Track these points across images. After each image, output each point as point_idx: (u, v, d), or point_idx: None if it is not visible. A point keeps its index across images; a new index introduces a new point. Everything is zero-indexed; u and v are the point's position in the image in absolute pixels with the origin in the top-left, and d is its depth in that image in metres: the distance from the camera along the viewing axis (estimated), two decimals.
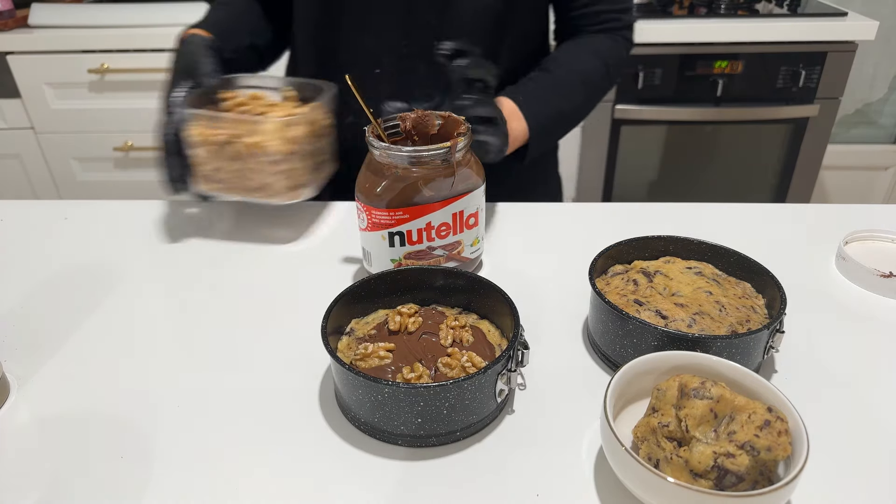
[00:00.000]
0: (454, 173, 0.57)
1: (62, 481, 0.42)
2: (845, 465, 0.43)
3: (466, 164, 0.58)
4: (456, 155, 0.56)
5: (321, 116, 0.71)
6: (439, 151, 0.55)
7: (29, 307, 0.60)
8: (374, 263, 0.60)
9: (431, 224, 0.58)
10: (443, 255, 0.60)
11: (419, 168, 0.56)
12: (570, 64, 0.79)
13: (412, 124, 0.61)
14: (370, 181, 0.57)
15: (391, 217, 0.57)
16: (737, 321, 0.50)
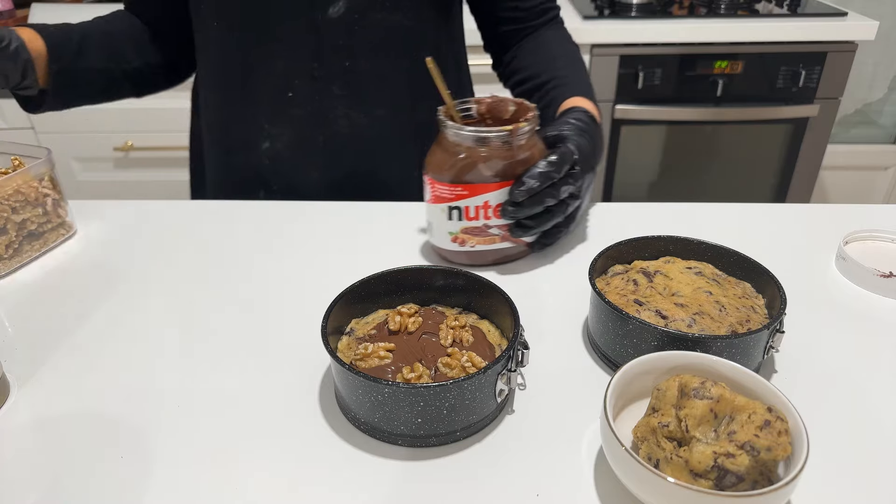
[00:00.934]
0: (515, 156, 0.59)
1: (62, 481, 0.42)
2: (845, 465, 0.43)
3: (529, 148, 0.60)
4: (518, 139, 0.59)
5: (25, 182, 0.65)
6: (501, 133, 0.58)
7: (29, 307, 0.60)
8: (434, 235, 0.64)
9: (489, 203, 0.60)
10: (498, 234, 0.62)
11: (483, 148, 0.59)
12: (572, 56, 0.81)
13: (486, 108, 0.64)
14: (437, 156, 0.61)
15: (451, 192, 0.60)
16: (737, 321, 0.50)
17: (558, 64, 0.79)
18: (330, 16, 0.71)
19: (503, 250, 0.64)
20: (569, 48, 0.83)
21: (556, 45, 0.82)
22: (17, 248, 0.65)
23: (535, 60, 0.81)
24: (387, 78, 0.77)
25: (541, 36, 0.83)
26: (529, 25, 0.83)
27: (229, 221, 0.75)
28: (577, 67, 0.79)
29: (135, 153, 1.66)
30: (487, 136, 0.58)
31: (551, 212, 0.61)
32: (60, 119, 1.62)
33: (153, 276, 0.65)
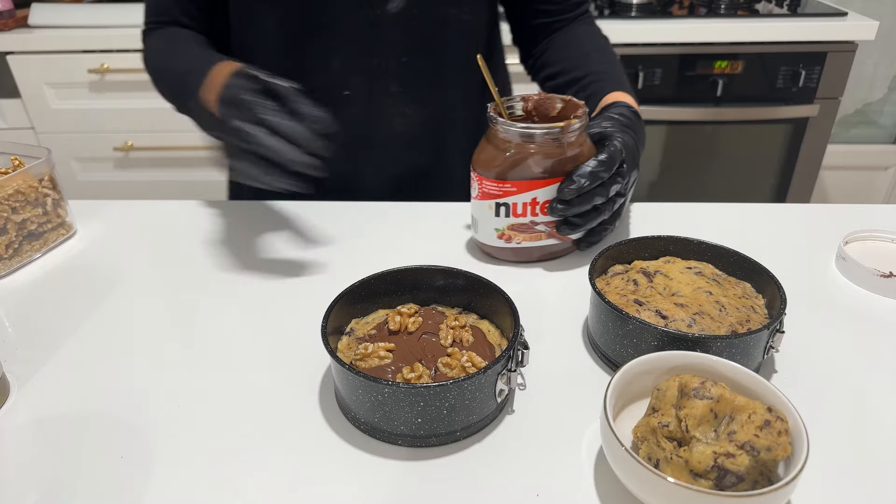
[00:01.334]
0: (564, 153, 0.59)
1: (62, 481, 0.42)
2: (845, 465, 0.43)
3: (579, 145, 0.60)
4: (568, 135, 0.59)
5: (25, 182, 0.65)
6: (551, 130, 0.58)
7: (29, 307, 0.60)
8: (480, 231, 0.64)
9: (536, 200, 0.60)
10: (545, 230, 0.63)
11: (531, 145, 0.59)
12: (606, 50, 0.81)
13: (534, 105, 0.65)
14: (486, 153, 0.61)
15: (499, 188, 0.60)
16: (737, 321, 0.50)
17: (592, 58, 0.78)
18: (389, 11, 0.71)
19: (549, 247, 0.64)
20: (602, 43, 0.82)
21: (588, 39, 0.82)
22: (17, 248, 0.65)
23: (568, 55, 0.80)
24: (442, 74, 0.76)
25: (572, 30, 0.83)
26: (562, 19, 0.83)
27: (229, 221, 0.75)
28: (612, 62, 0.79)
29: (135, 153, 1.66)
30: (538, 133, 0.58)
31: (598, 210, 0.61)
32: (60, 119, 1.62)
33: (153, 276, 0.65)
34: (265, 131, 0.54)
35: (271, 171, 0.55)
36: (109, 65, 1.53)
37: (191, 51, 0.74)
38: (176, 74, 0.71)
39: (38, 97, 1.59)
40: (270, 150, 0.54)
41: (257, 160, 0.55)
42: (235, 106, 0.56)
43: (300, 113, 0.56)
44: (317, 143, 0.55)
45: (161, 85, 0.76)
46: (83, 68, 1.53)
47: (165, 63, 0.75)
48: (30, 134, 1.64)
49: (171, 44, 0.77)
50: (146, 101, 1.59)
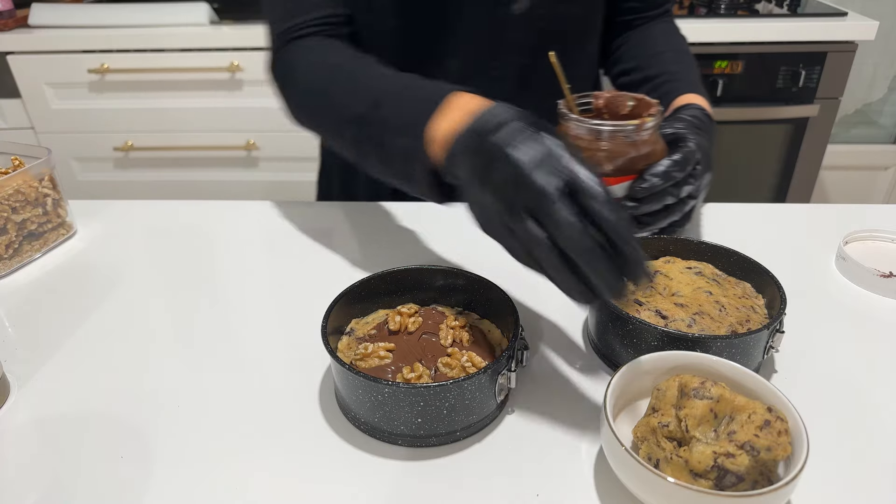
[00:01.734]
0: (638, 151, 0.58)
1: (62, 481, 0.42)
2: (845, 466, 0.43)
3: (652, 144, 0.59)
4: (641, 134, 0.58)
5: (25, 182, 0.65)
6: (627, 128, 0.57)
7: (29, 307, 0.60)
8: None
9: None
10: None
11: (605, 142, 0.58)
12: (682, 51, 0.80)
13: (605, 102, 0.63)
14: None
15: None
16: (737, 321, 0.50)
17: (667, 58, 0.77)
18: (513, 12, 0.70)
19: None
20: (678, 43, 0.81)
21: (665, 38, 0.81)
22: (16, 248, 0.65)
23: (644, 53, 0.79)
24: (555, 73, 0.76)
25: (651, 28, 0.81)
26: (644, 17, 0.82)
27: (229, 221, 0.75)
28: (687, 63, 0.78)
29: (135, 153, 1.66)
30: (611, 130, 0.57)
31: (669, 210, 0.60)
32: (60, 119, 1.62)
33: (153, 276, 0.65)
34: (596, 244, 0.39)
35: (589, 298, 0.42)
36: (109, 65, 1.53)
37: (387, 71, 0.58)
38: (387, 99, 0.54)
39: (38, 97, 1.59)
40: (596, 275, 0.40)
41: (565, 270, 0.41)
42: (551, 194, 0.39)
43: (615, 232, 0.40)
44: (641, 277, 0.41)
45: (346, 116, 0.57)
46: (83, 68, 1.53)
47: (352, 87, 0.58)
48: (30, 134, 1.64)
49: (352, 59, 0.61)
50: (146, 101, 1.59)
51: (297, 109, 0.65)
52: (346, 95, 0.58)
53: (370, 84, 0.57)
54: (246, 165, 1.67)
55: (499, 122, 0.43)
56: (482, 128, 0.44)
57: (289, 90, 0.66)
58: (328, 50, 0.64)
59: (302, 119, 0.65)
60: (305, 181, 1.68)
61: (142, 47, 1.51)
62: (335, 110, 0.59)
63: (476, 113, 0.45)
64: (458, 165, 0.46)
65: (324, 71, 0.61)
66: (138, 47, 1.51)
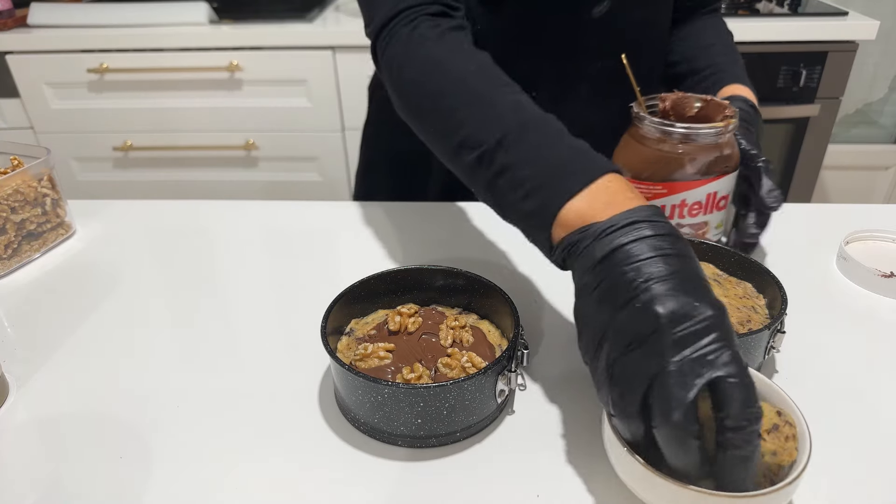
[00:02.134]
0: (720, 153, 0.58)
1: (61, 481, 0.42)
2: (846, 466, 0.43)
3: (730, 146, 0.59)
4: (724, 136, 0.57)
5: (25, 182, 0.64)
6: (712, 131, 0.56)
7: (28, 307, 0.60)
8: None
9: (686, 202, 0.59)
10: (689, 233, 0.61)
11: (686, 145, 0.57)
12: (728, 44, 0.80)
13: (671, 104, 0.63)
14: (633, 154, 0.59)
15: (649, 190, 0.59)
16: (738, 321, 0.50)
17: (714, 51, 0.77)
18: (593, 16, 0.69)
19: None
20: (725, 37, 0.80)
21: (712, 31, 0.80)
22: (16, 248, 0.65)
23: (690, 45, 0.79)
24: (627, 76, 0.72)
25: (698, 22, 0.81)
26: (692, 10, 0.81)
27: (229, 221, 0.75)
28: (733, 56, 0.77)
29: (134, 153, 1.66)
30: (700, 133, 0.56)
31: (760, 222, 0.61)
32: (60, 119, 1.61)
33: (152, 276, 0.65)
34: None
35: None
36: (109, 64, 1.52)
37: (521, 99, 0.51)
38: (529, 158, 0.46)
39: (38, 97, 1.59)
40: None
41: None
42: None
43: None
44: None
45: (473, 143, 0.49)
46: (82, 68, 1.53)
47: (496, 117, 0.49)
48: (29, 134, 1.64)
49: (481, 69, 0.53)
50: (145, 101, 1.59)
51: (409, 107, 0.56)
52: (470, 121, 0.49)
53: (503, 115, 0.48)
54: (245, 165, 1.67)
55: (650, 246, 0.37)
56: (627, 233, 0.38)
57: (398, 84, 0.57)
58: (451, 45, 0.56)
59: (408, 117, 0.57)
60: (305, 181, 1.68)
61: (141, 47, 1.51)
62: (453, 129, 0.50)
63: (624, 211, 0.39)
64: (580, 259, 0.41)
65: (447, 76, 0.53)
66: (138, 47, 1.51)
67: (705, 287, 0.37)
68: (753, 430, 0.34)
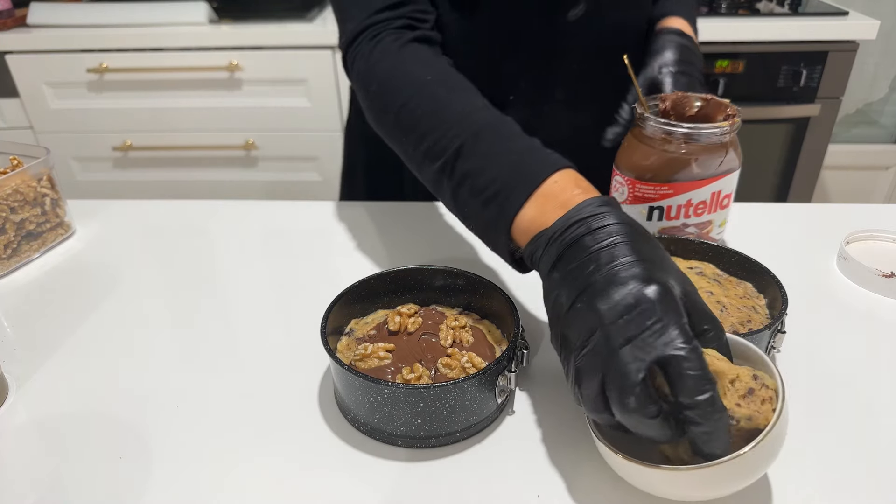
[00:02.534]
0: (726, 152, 0.58)
1: (61, 481, 0.42)
2: (846, 466, 0.43)
3: (732, 145, 0.59)
4: (730, 135, 0.58)
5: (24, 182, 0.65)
6: (716, 130, 0.56)
7: (27, 307, 0.60)
8: None
9: (691, 201, 0.59)
10: (694, 232, 0.62)
11: (691, 145, 0.57)
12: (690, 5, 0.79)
13: (671, 104, 0.63)
14: (639, 155, 0.59)
15: (656, 191, 0.59)
16: (738, 321, 0.49)
17: (666, 4, 0.76)
18: (569, 18, 0.69)
19: None
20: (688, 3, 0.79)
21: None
22: (15, 248, 0.65)
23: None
24: (608, 80, 0.74)
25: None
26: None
27: (229, 221, 0.75)
28: (685, 4, 0.76)
29: (133, 153, 1.66)
30: (705, 133, 0.56)
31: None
32: (59, 119, 1.61)
33: (152, 276, 0.65)
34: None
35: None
36: (108, 64, 1.52)
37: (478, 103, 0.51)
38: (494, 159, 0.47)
39: (37, 97, 1.58)
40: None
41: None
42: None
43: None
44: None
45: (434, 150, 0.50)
46: (82, 68, 1.53)
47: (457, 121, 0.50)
48: (28, 133, 1.64)
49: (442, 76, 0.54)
50: (145, 101, 1.58)
51: (376, 121, 0.58)
52: (430, 132, 0.50)
53: (459, 126, 0.49)
54: (245, 165, 1.67)
55: (584, 246, 0.39)
56: (565, 238, 0.40)
57: (366, 96, 0.58)
58: (415, 57, 0.57)
59: (378, 130, 0.58)
60: (305, 181, 1.68)
61: (141, 46, 1.51)
62: (415, 142, 0.52)
63: (566, 213, 0.40)
64: (539, 268, 0.43)
65: (409, 89, 0.53)
66: (137, 46, 1.51)
67: (647, 267, 0.37)
68: (709, 404, 0.35)
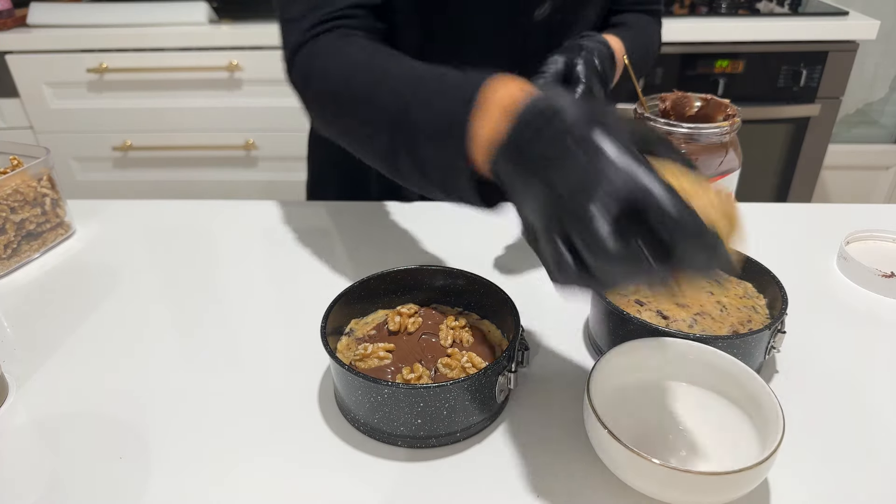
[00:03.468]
0: (726, 152, 0.58)
1: (61, 481, 0.42)
2: (846, 465, 0.43)
3: (732, 146, 0.59)
4: (731, 134, 0.57)
5: (24, 182, 0.64)
6: (716, 130, 0.56)
7: (27, 307, 0.60)
8: None
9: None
10: None
11: (691, 145, 0.57)
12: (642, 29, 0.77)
13: (671, 104, 0.62)
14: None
15: None
16: (738, 321, 0.49)
17: (619, 29, 0.74)
18: (535, 18, 0.68)
19: None
20: (646, 29, 0.76)
21: (634, 20, 0.76)
22: (15, 247, 0.65)
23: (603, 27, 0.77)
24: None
25: (628, 14, 0.78)
26: (629, 9, 0.78)
27: (229, 221, 0.75)
28: (633, 33, 0.73)
29: (134, 153, 1.66)
30: (703, 133, 0.56)
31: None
32: (59, 119, 1.61)
33: (152, 276, 0.65)
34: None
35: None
36: (108, 64, 1.52)
37: (415, 65, 0.50)
38: (416, 98, 0.47)
39: (37, 97, 1.58)
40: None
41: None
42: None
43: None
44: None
45: (371, 115, 0.49)
46: (82, 68, 1.53)
47: (380, 79, 0.50)
48: (28, 133, 1.64)
49: (376, 54, 0.54)
50: (145, 101, 1.58)
51: (320, 118, 0.57)
52: (372, 100, 0.49)
53: (398, 84, 0.49)
54: (245, 165, 1.67)
55: (537, 128, 0.37)
56: (520, 137, 0.38)
57: (308, 94, 0.57)
58: (352, 45, 0.56)
59: (327, 128, 0.57)
60: (305, 181, 1.68)
61: (141, 46, 1.51)
62: (361, 118, 0.51)
63: (515, 114, 0.39)
64: (503, 181, 0.40)
65: (347, 71, 0.53)
66: (137, 46, 1.51)
67: (590, 128, 0.35)
68: (696, 234, 0.33)
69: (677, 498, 0.38)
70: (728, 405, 0.44)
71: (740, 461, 0.37)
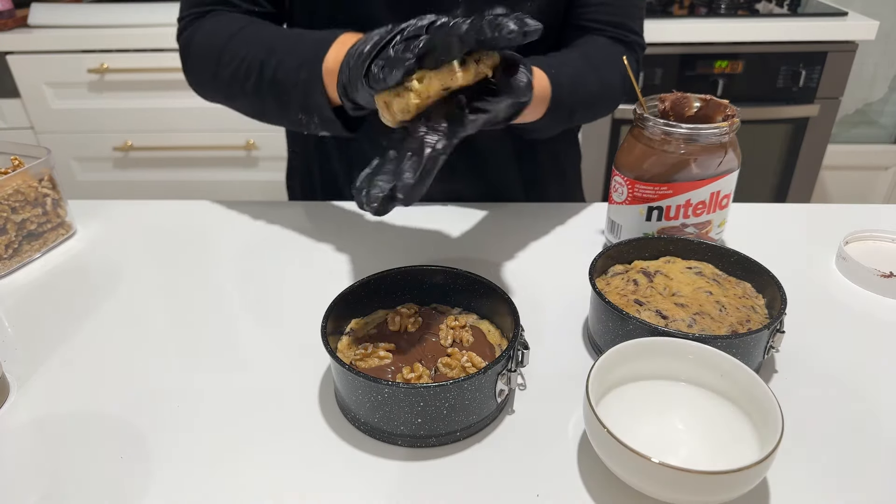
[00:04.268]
0: (725, 153, 0.58)
1: (62, 481, 0.42)
2: (846, 465, 0.43)
3: (731, 146, 0.59)
4: (731, 134, 0.58)
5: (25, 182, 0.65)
6: (715, 131, 0.57)
7: (28, 307, 0.60)
8: (623, 236, 0.63)
9: (690, 201, 0.60)
10: (693, 232, 0.62)
11: (690, 146, 0.58)
12: (592, 57, 0.69)
13: (670, 105, 0.63)
14: (639, 156, 0.59)
15: (655, 192, 0.59)
16: (737, 321, 0.50)
17: (564, 55, 0.67)
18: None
19: None
20: (598, 55, 0.68)
21: (590, 47, 0.69)
22: (16, 248, 0.65)
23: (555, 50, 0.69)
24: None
25: (591, 37, 0.71)
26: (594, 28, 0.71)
27: (228, 222, 0.75)
28: (579, 66, 0.65)
29: (134, 153, 1.66)
30: (706, 133, 0.56)
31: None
32: (60, 119, 1.62)
33: (152, 277, 0.65)
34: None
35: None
36: (109, 64, 1.52)
37: (280, 29, 0.62)
38: (279, 50, 0.58)
39: (38, 97, 1.59)
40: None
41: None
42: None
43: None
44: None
45: (244, 71, 0.60)
46: (83, 68, 1.53)
47: (247, 44, 0.60)
48: (29, 134, 1.64)
49: (247, 25, 0.63)
50: (146, 101, 1.59)
51: (197, 77, 0.67)
52: (242, 50, 0.60)
53: (264, 37, 0.60)
54: (245, 165, 1.67)
55: (357, 48, 0.48)
56: (348, 55, 0.49)
57: (189, 61, 0.67)
58: (227, 18, 0.65)
59: (203, 87, 0.67)
60: None
61: (141, 47, 1.51)
62: (231, 66, 0.61)
63: (350, 48, 0.49)
64: (348, 91, 0.50)
65: (222, 35, 0.62)
66: (138, 47, 1.51)
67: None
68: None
69: (677, 497, 0.38)
70: (727, 405, 0.44)
71: (739, 461, 0.37)
